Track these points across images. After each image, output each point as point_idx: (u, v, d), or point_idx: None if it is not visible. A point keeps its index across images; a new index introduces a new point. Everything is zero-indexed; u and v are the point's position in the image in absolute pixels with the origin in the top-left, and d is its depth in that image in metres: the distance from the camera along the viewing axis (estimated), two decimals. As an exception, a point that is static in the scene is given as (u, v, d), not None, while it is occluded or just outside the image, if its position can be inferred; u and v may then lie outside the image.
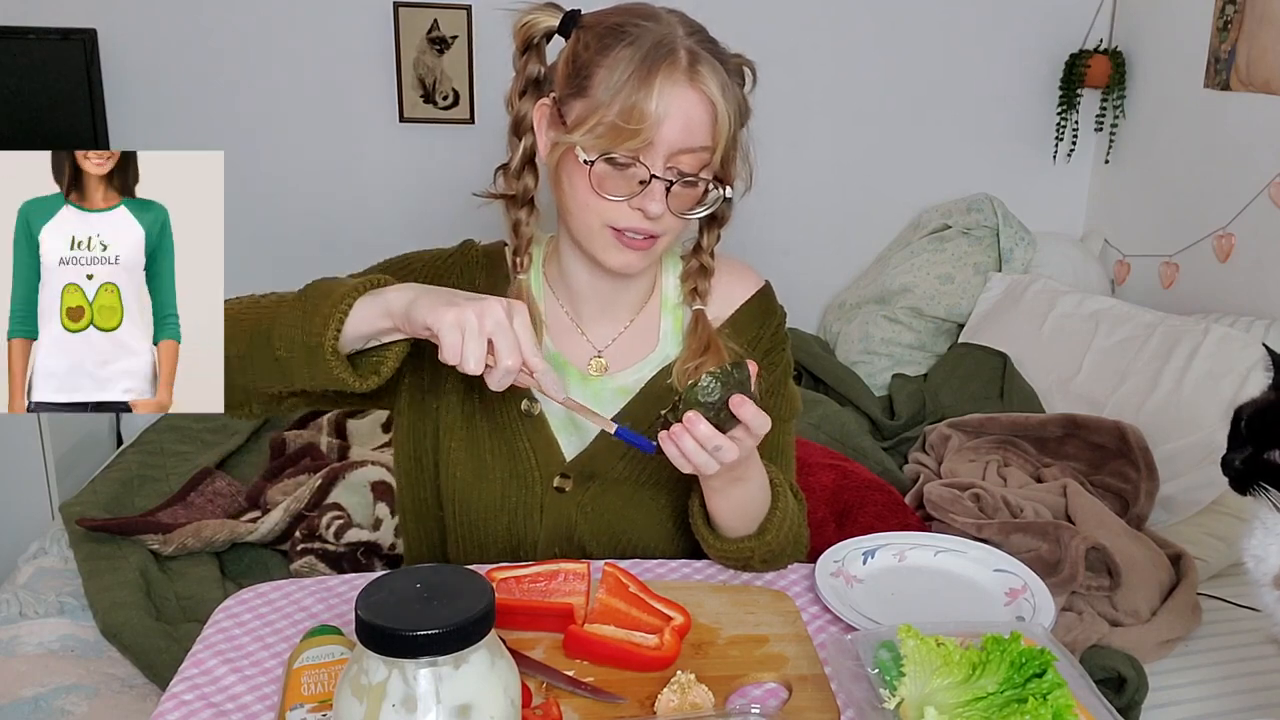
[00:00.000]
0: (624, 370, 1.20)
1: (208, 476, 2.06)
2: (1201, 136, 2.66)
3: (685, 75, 1.03)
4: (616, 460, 1.17)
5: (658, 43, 1.03)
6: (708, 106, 1.04)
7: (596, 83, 1.04)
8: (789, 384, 1.26)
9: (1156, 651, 1.66)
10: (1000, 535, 1.81)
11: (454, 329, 0.93)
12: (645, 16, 1.06)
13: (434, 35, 2.68)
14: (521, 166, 1.14)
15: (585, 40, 1.06)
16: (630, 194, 1.05)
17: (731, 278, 1.24)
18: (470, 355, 0.94)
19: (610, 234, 1.09)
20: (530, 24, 1.09)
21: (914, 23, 2.93)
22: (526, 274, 1.19)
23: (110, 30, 2.57)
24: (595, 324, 1.21)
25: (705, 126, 1.04)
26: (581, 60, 1.06)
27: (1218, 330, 2.24)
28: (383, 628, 0.64)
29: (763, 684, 0.94)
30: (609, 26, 1.06)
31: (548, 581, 1.01)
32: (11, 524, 2.36)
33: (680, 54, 1.03)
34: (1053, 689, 0.80)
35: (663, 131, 1.02)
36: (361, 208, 2.82)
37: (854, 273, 3.11)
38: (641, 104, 1.01)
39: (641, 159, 1.04)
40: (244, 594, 1.08)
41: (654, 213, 1.06)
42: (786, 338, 1.27)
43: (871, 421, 2.49)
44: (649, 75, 1.01)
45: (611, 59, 1.03)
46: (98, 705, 1.46)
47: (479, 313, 0.94)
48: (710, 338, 1.18)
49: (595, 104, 1.03)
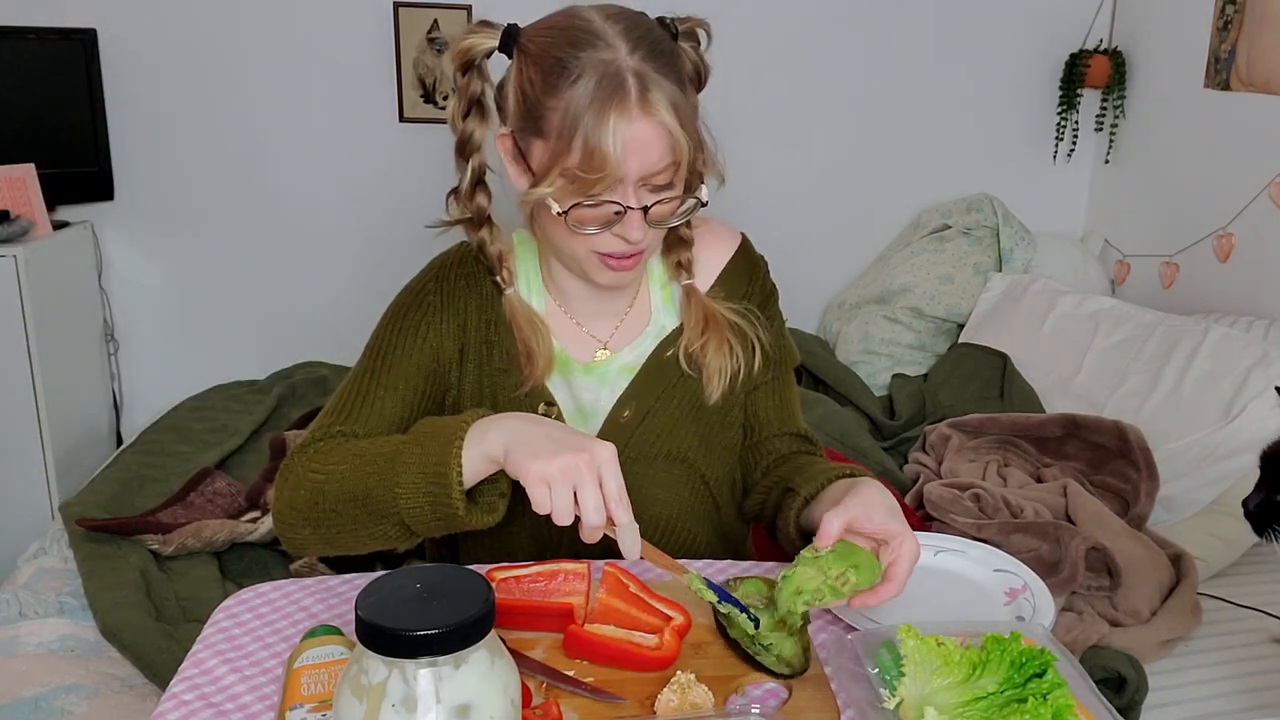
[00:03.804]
0: (624, 349, 1.21)
1: (208, 476, 2.06)
2: (1201, 136, 2.66)
3: (638, 107, 1.01)
4: (624, 444, 1.18)
5: (603, 76, 1.00)
6: (664, 132, 1.02)
7: (551, 125, 1.03)
8: (786, 333, 1.29)
9: (1156, 651, 1.66)
10: (1000, 535, 1.81)
11: (540, 484, 0.93)
12: (584, 37, 1.03)
13: (434, 35, 2.68)
14: (473, 188, 1.14)
15: (529, 75, 1.04)
16: (608, 224, 1.06)
17: (708, 240, 1.25)
18: (558, 511, 0.93)
19: (596, 258, 1.10)
20: (469, 48, 1.08)
21: (914, 23, 2.93)
22: (513, 288, 1.19)
23: (110, 30, 2.57)
24: (595, 320, 1.22)
25: (667, 149, 1.03)
26: (530, 99, 1.04)
27: (1218, 330, 2.24)
28: (383, 628, 0.64)
29: (763, 684, 0.94)
30: (551, 61, 1.02)
31: (548, 581, 1.01)
32: (11, 524, 2.36)
33: (629, 85, 1.01)
34: (1053, 689, 0.80)
35: (626, 167, 1.02)
36: (361, 208, 2.82)
37: (854, 273, 3.11)
38: (600, 148, 1.00)
39: (611, 195, 1.04)
40: (244, 594, 1.08)
41: (635, 238, 1.07)
42: (774, 286, 1.29)
43: (871, 421, 2.49)
44: (601, 117, 1.00)
45: (560, 100, 1.01)
46: (98, 705, 1.46)
47: (563, 469, 0.92)
48: (707, 311, 1.20)
49: (554, 150, 1.02)
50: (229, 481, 2.08)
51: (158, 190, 2.72)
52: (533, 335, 1.16)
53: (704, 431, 1.22)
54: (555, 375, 1.19)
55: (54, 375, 2.42)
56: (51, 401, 2.39)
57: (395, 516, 1.01)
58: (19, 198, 2.41)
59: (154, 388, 2.82)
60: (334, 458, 1.07)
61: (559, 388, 1.20)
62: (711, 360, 1.18)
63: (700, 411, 1.21)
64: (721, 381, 1.19)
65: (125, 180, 2.68)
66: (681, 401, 1.21)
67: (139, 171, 2.69)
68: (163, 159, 2.70)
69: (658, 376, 1.20)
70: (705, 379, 1.19)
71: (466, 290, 1.18)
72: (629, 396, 1.20)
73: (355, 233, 2.84)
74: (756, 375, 1.22)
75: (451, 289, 1.18)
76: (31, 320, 2.33)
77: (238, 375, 2.73)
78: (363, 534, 1.05)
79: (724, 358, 1.19)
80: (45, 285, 2.38)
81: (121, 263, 2.76)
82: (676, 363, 1.20)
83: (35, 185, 2.43)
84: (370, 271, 2.82)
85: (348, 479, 1.04)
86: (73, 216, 2.62)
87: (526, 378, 1.16)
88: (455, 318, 1.17)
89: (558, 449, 0.93)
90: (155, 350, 2.84)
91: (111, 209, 2.69)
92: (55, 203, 2.54)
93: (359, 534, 1.05)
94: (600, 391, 1.20)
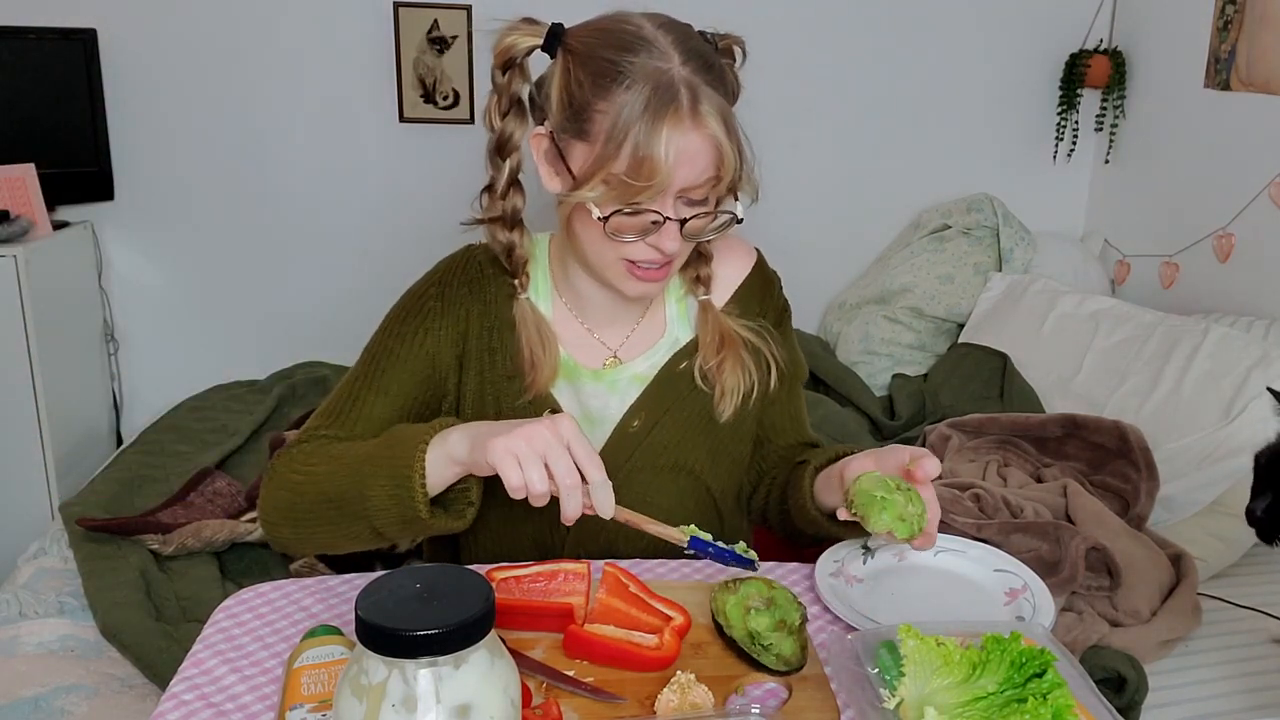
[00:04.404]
0: (636, 358, 1.20)
1: (208, 476, 2.06)
2: (1201, 136, 2.66)
3: (689, 119, 1.00)
4: (631, 453, 1.18)
5: (657, 84, 1.00)
6: (713, 145, 1.02)
7: (597, 128, 1.01)
8: (797, 348, 1.29)
9: (1156, 651, 1.66)
10: (1000, 535, 1.80)
11: (508, 459, 0.93)
12: (634, 42, 1.02)
13: (434, 35, 2.68)
14: (508, 187, 1.13)
15: (577, 75, 1.03)
16: (644, 232, 1.05)
17: (725, 255, 1.25)
18: (532, 481, 0.93)
19: (625, 266, 1.09)
20: (511, 45, 1.06)
21: (914, 23, 2.93)
22: (527, 293, 1.18)
23: (110, 30, 2.57)
24: (607, 328, 1.21)
25: (712, 162, 1.03)
26: (578, 100, 1.02)
27: (1218, 330, 2.24)
28: (383, 628, 0.64)
29: (763, 684, 0.94)
30: (602, 63, 1.01)
31: (548, 581, 1.01)
32: (11, 524, 2.36)
33: (681, 95, 1.00)
34: (1053, 689, 0.80)
35: (674, 178, 1.01)
36: (361, 208, 2.82)
37: (854, 273, 3.11)
38: (651, 157, 0.99)
39: (652, 205, 1.03)
40: (244, 594, 1.08)
41: (669, 249, 1.06)
42: (787, 302, 1.29)
43: (872, 421, 2.49)
44: (655, 126, 0.99)
45: (610, 104, 1.00)
46: (98, 705, 1.46)
47: (527, 437, 0.93)
48: (723, 329, 1.19)
49: (600, 155, 1.01)
50: (229, 481, 2.08)
51: (158, 190, 2.72)
52: (540, 342, 1.15)
53: (712, 445, 1.22)
54: (561, 381, 1.18)
55: (54, 375, 2.42)
56: (51, 401, 2.39)
57: (365, 518, 1.02)
58: (19, 198, 2.41)
59: (154, 388, 2.82)
60: (314, 460, 1.08)
61: (565, 394, 1.19)
62: (727, 379, 1.18)
63: (710, 425, 1.20)
64: (734, 400, 1.19)
65: (125, 180, 2.68)
66: (692, 415, 1.20)
67: (139, 171, 2.69)
68: (163, 159, 2.70)
69: (669, 388, 1.19)
70: (718, 396, 1.19)
71: (469, 296, 1.17)
72: (639, 407, 1.19)
73: (355, 233, 2.84)
74: (771, 393, 1.23)
75: (453, 295, 1.17)
76: (31, 320, 2.33)
77: (238, 375, 2.73)
78: (338, 535, 1.06)
79: (739, 377, 1.18)
80: (45, 285, 2.38)
81: (121, 263, 2.76)
82: (689, 376, 1.19)
83: (35, 185, 2.43)
84: (370, 271, 2.82)
85: (323, 481, 1.05)
86: (73, 216, 2.62)
87: (529, 385, 1.15)
88: (455, 325, 1.16)
89: (519, 425, 0.94)
90: (155, 350, 2.84)
91: (111, 209, 2.69)
92: (55, 203, 2.54)
93: (334, 534, 1.07)
94: (610, 399, 1.19)
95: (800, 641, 0.97)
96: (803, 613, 1.00)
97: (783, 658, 0.95)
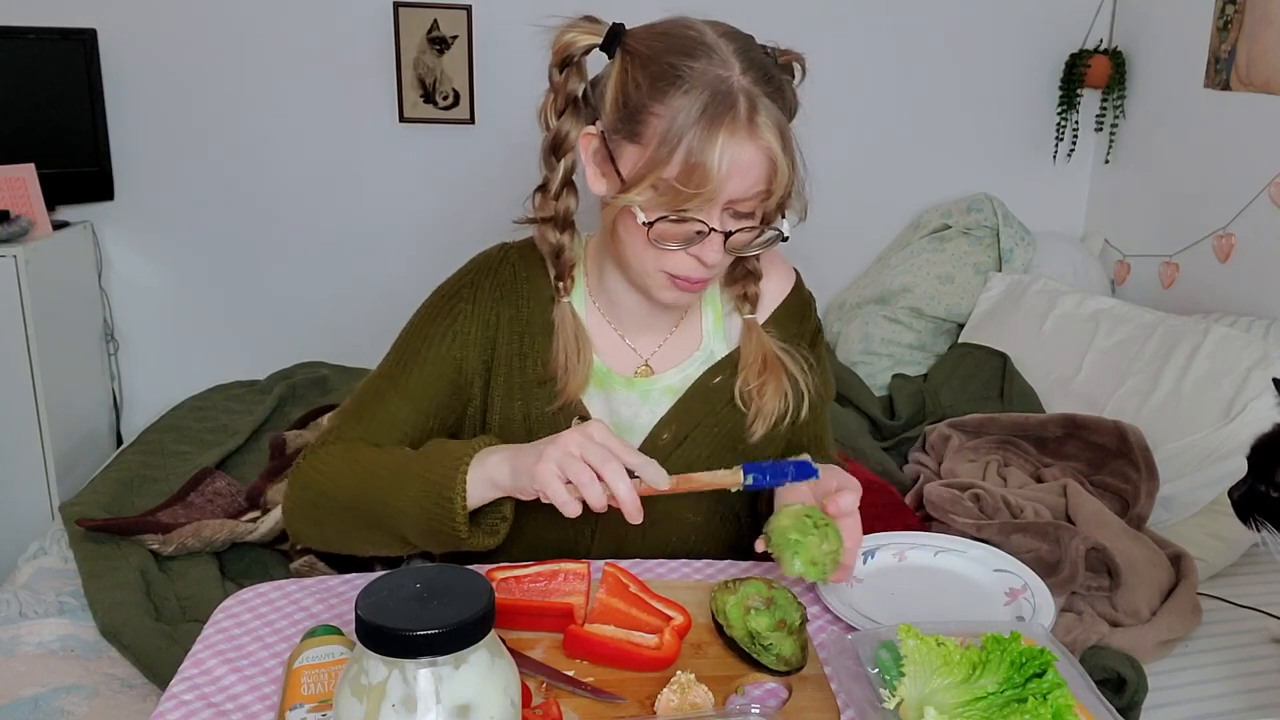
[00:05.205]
0: (670, 370, 1.19)
1: (208, 476, 2.06)
2: (1201, 136, 2.66)
3: (745, 129, 0.98)
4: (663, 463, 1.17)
5: (715, 92, 0.98)
6: (767, 158, 1.00)
7: (651, 131, 1.00)
8: (828, 369, 1.28)
9: (1156, 651, 1.66)
10: (1000, 535, 1.81)
11: (552, 480, 0.92)
12: (696, 48, 1.00)
13: (434, 35, 2.68)
14: (561, 188, 1.11)
15: (635, 77, 1.01)
16: (688, 241, 1.04)
17: (768, 273, 1.23)
18: (581, 485, 0.92)
19: (664, 276, 1.08)
20: (570, 43, 1.04)
21: (914, 23, 2.93)
22: (569, 297, 1.16)
23: (110, 30, 2.57)
24: (640, 334, 1.20)
25: (765, 175, 1.01)
26: (633, 102, 1.01)
27: (1218, 330, 2.24)
28: (382, 628, 0.64)
29: (763, 684, 0.94)
30: (662, 66, 0.99)
31: (548, 581, 1.01)
32: (11, 524, 2.36)
33: (740, 104, 0.98)
34: (1053, 689, 0.80)
35: (726, 188, 1.00)
36: (361, 208, 2.82)
37: (854, 273, 3.11)
38: (704, 165, 0.97)
39: (698, 214, 1.02)
40: (244, 594, 1.08)
41: (711, 261, 1.05)
42: (819, 322, 1.29)
43: (871, 421, 2.49)
44: (710, 133, 0.97)
45: (667, 107, 0.98)
46: (98, 705, 1.46)
47: (564, 449, 0.93)
48: (767, 351, 1.18)
49: (652, 159, 0.99)
50: (229, 481, 2.08)
51: (158, 190, 2.72)
52: (575, 348, 1.13)
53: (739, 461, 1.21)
54: (593, 388, 1.17)
55: (54, 375, 2.42)
56: (51, 401, 2.39)
57: (395, 530, 1.03)
58: (19, 198, 2.41)
59: (154, 388, 2.82)
60: (341, 463, 1.08)
61: (596, 401, 1.17)
62: (767, 402, 1.17)
63: (738, 443, 1.19)
64: (767, 423, 1.17)
65: (125, 180, 2.68)
66: (722, 432, 1.19)
67: (139, 171, 2.69)
68: (163, 159, 2.70)
69: (701, 402, 1.18)
70: (752, 416, 1.17)
71: (500, 299, 1.15)
72: (670, 419, 1.17)
73: (355, 233, 2.84)
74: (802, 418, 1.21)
75: (485, 296, 1.15)
76: (31, 320, 2.33)
77: (238, 375, 2.73)
78: (361, 540, 1.08)
79: (776, 402, 1.17)
80: (45, 285, 2.38)
81: (121, 263, 2.76)
82: (725, 392, 1.18)
83: (35, 185, 2.43)
84: (370, 271, 2.82)
85: (351, 488, 1.06)
86: (73, 216, 2.62)
87: (560, 391, 1.14)
88: (485, 329, 1.15)
89: (551, 442, 0.95)
90: (155, 350, 2.84)
91: (111, 209, 2.69)
92: (55, 203, 2.54)
93: (357, 540, 1.09)
94: (641, 409, 1.18)
95: (800, 641, 0.97)
96: (803, 613, 1.00)
97: (783, 658, 0.95)
